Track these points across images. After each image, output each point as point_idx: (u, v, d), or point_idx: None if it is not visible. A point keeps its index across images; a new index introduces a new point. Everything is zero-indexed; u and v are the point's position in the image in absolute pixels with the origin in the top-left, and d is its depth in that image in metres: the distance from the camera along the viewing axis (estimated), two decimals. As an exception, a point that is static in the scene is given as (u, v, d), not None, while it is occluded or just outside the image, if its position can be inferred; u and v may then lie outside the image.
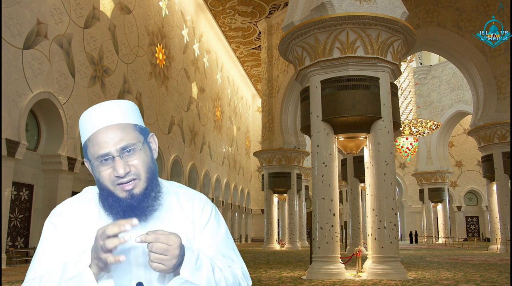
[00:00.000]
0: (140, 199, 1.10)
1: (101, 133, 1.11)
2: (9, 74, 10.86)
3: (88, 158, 1.15)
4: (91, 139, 1.12)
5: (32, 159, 12.43)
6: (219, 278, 1.08)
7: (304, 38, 10.30)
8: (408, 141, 24.04)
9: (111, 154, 1.10)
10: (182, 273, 1.02)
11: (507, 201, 18.59)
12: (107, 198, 1.11)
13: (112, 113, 1.14)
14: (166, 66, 21.01)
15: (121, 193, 1.10)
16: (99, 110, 1.14)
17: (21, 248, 12.27)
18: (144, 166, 1.13)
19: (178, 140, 22.11)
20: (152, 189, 1.14)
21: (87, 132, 1.14)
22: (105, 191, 1.11)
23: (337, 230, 9.85)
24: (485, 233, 37.90)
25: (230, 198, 32.83)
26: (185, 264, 1.02)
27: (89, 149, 1.13)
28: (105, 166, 1.10)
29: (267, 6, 24.44)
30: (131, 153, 1.11)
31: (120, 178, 1.09)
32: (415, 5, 20.13)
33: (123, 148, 1.10)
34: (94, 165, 1.12)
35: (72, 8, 13.55)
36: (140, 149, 1.13)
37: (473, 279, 9.17)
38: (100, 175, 1.11)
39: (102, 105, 1.16)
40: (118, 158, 1.09)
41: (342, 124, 10.06)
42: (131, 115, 1.17)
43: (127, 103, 1.19)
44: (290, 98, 23.50)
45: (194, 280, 1.03)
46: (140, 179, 1.11)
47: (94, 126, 1.13)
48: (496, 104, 19.10)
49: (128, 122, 1.15)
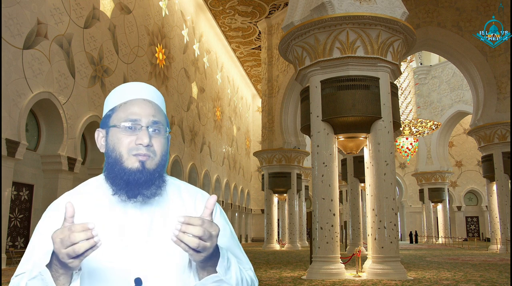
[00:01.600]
0: (148, 175, 1.09)
1: (138, 102, 1.14)
2: (9, 74, 10.85)
3: (108, 124, 1.14)
4: (123, 105, 1.14)
5: (32, 159, 12.43)
6: (242, 279, 1.08)
7: (304, 38, 10.30)
8: (408, 141, 24.03)
9: (141, 123, 1.11)
10: (219, 270, 1.00)
11: (507, 201, 18.59)
12: (114, 167, 1.10)
13: (151, 92, 1.19)
14: (166, 66, 21.01)
15: (133, 163, 1.09)
16: (139, 85, 1.19)
17: (21, 248, 12.26)
18: (162, 150, 1.13)
19: (178, 140, 22.12)
20: (160, 176, 1.13)
21: (121, 99, 1.15)
22: (115, 159, 1.10)
23: (337, 230, 9.86)
24: (485, 233, 37.89)
25: (230, 198, 32.83)
26: (221, 261, 1.01)
27: (117, 113, 1.13)
28: (128, 132, 1.10)
29: (267, 6, 24.44)
30: (157, 133, 1.13)
31: (141, 146, 1.09)
32: (415, 5, 20.13)
33: (154, 122, 1.12)
34: (117, 127, 1.11)
35: (72, 8, 13.55)
36: (164, 134, 1.15)
37: (473, 279, 9.17)
38: (119, 140, 1.10)
39: (141, 83, 1.20)
40: (145, 129, 1.10)
41: (342, 124, 10.06)
42: (163, 105, 1.22)
43: (160, 93, 1.24)
44: (290, 98, 23.49)
45: (226, 279, 1.02)
46: (154, 159, 1.11)
47: (131, 95, 1.15)
48: (496, 104, 19.10)
49: (161, 107, 1.19)
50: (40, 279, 0.95)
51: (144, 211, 1.12)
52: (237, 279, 1.05)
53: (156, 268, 1.08)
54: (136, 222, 1.11)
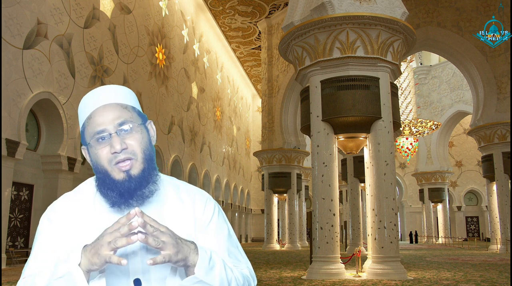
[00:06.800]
0: (137, 181, 1.08)
1: (99, 112, 1.11)
2: (9, 74, 10.85)
3: (85, 141, 1.13)
4: (88, 120, 1.12)
5: (32, 159, 12.43)
6: (230, 278, 1.06)
7: (304, 38, 10.30)
8: (408, 141, 24.03)
9: (108, 131, 1.09)
10: (197, 272, 1.00)
11: (507, 201, 18.59)
12: (104, 181, 1.09)
13: (110, 94, 1.14)
14: (166, 66, 21.01)
15: (118, 174, 1.08)
16: (96, 92, 1.15)
17: (21, 248, 12.27)
18: (141, 146, 1.11)
19: (178, 141, 22.11)
20: (149, 172, 1.12)
21: (85, 113, 1.13)
22: (102, 173, 1.10)
23: (337, 230, 9.86)
24: (485, 233, 37.88)
25: (230, 198, 32.83)
26: (200, 263, 1.00)
27: (87, 129, 1.12)
28: (101, 145, 1.09)
29: (267, 6, 24.44)
30: (128, 132, 1.11)
31: (117, 154, 1.07)
32: (415, 5, 20.12)
33: (120, 124, 1.10)
34: (91, 144, 1.10)
35: (72, 8, 13.55)
36: (137, 128, 1.13)
37: (473, 279, 9.17)
38: (97, 155, 1.10)
39: (100, 88, 1.16)
40: (114, 134, 1.09)
41: (342, 124, 10.06)
42: (129, 98, 1.17)
43: (124, 87, 1.19)
44: (290, 98, 23.49)
45: (207, 280, 1.01)
46: (136, 159, 1.10)
47: (92, 106, 1.13)
48: (496, 104, 19.10)
49: (126, 103, 1.15)
50: (67, 279, 0.95)
51: None
52: (222, 280, 1.03)
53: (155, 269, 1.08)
54: None
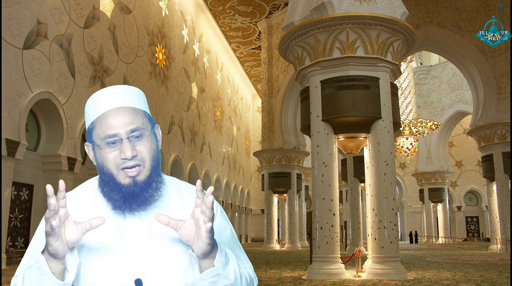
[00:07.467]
0: (142, 187, 1.08)
1: (111, 114, 1.09)
2: (9, 74, 10.85)
3: (92, 140, 1.12)
4: (99, 120, 1.10)
5: (32, 159, 12.43)
6: (241, 274, 1.08)
7: (304, 38, 10.30)
8: (408, 141, 24.03)
9: (119, 135, 1.08)
10: (216, 265, 1.00)
11: (507, 201, 18.59)
12: (108, 183, 1.09)
13: (123, 97, 1.13)
14: (166, 66, 21.00)
15: (124, 179, 1.08)
16: (110, 93, 1.13)
17: (21, 248, 12.26)
18: (150, 153, 1.11)
19: (178, 140, 22.11)
20: (155, 179, 1.11)
21: (96, 113, 1.12)
22: (107, 176, 1.09)
23: (337, 230, 9.86)
24: (485, 233, 37.88)
25: (230, 198, 32.83)
26: (218, 257, 1.01)
27: (95, 129, 1.11)
28: (111, 148, 1.08)
29: (267, 6, 24.44)
30: (139, 139, 1.10)
31: (126, 160, 1.07)
32: (415, 5, 20.12)
33: (132, 130, 1.09)
34: (100, 146, 1.09)
35: (72, 8, 13.55)
36: (148, 136, 1.12)
37: (473, 279, 9.17)
38: (104, 158, 1.09)
39: (113, 88, 1.14)
40: (126, 140, 1.08)
41: (342, 124, 10.06)
42: (141, 102, 1.16)
43: (137, 89, 1.18)
44: (290, 98, 23.50)
45: (224, 274, 1.02)
46: (144, 166, 1.09)
47: (104, 107, 1.11)
48: (496, 104, 19.10)
49: (138, 108, 1.14)
50: (37, 267, 0.96)
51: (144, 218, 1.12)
52: (235, 275, 1.05)
53: (156, 269, 1.08)
54: (136, 223, 1.11)
